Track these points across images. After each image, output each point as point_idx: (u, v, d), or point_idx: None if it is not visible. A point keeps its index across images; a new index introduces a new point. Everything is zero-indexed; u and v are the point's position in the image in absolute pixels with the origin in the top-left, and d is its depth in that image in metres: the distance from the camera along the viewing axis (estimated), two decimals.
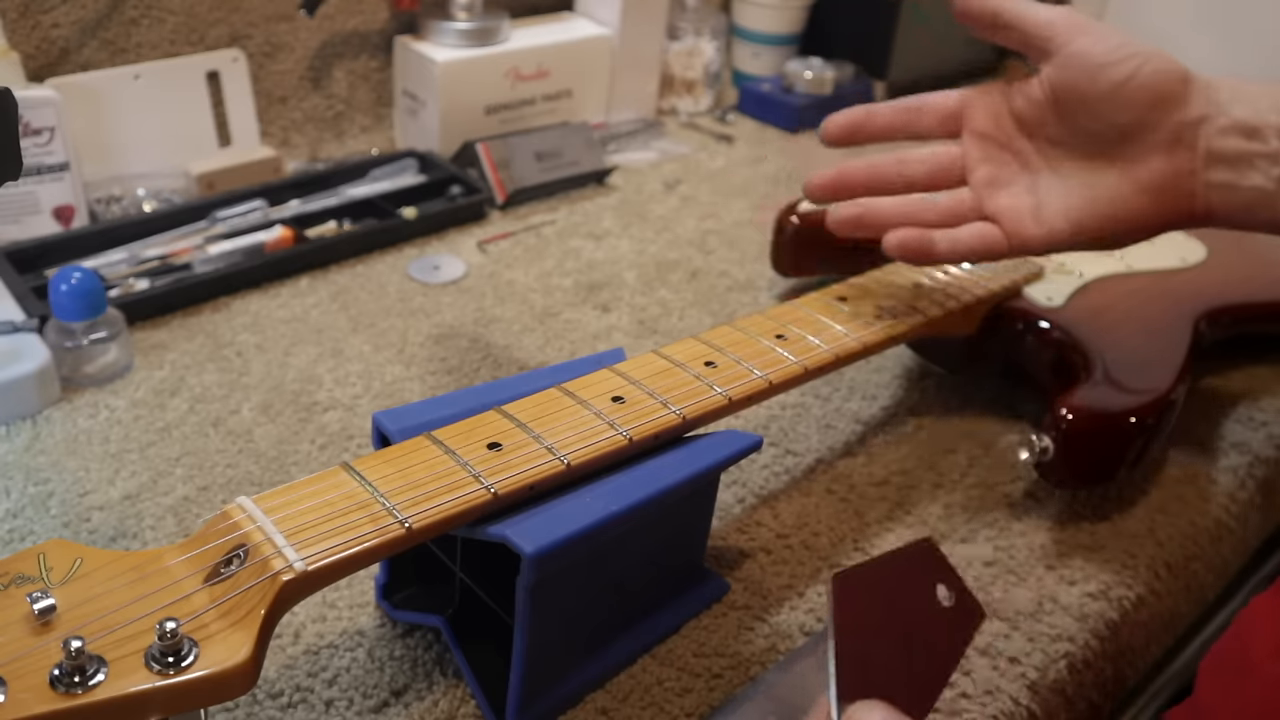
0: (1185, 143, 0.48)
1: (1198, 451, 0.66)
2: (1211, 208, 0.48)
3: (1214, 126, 0.47)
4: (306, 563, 0.37)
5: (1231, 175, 0.47)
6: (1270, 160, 0.46)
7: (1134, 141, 0.49)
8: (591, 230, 0.87)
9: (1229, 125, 0.47)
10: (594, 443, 0.45)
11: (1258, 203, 0.47)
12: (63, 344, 0.64)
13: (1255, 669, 0.44)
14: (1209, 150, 0.47)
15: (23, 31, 0.80)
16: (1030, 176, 0.52)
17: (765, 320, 0.56)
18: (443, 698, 0.47)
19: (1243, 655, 0.46)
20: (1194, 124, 0.48)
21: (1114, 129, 0.49)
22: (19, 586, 0.35)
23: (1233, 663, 0.46)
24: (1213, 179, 0.48)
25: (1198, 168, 0.48)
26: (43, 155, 0.75)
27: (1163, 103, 0.48)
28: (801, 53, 1.18)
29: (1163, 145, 0.48)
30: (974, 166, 0.54)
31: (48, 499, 0.56)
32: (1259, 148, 0.46)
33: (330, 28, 0.95)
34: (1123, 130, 0.49)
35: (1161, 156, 0.48)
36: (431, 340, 0.72)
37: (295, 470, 0.60)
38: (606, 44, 1.02)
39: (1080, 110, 0.49)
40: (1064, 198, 0.51)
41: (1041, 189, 0.52)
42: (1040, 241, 0.51)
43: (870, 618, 0.35)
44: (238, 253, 0.77)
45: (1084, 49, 0.49)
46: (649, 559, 0.49)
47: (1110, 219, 0.50)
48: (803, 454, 0.64)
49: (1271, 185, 0.46)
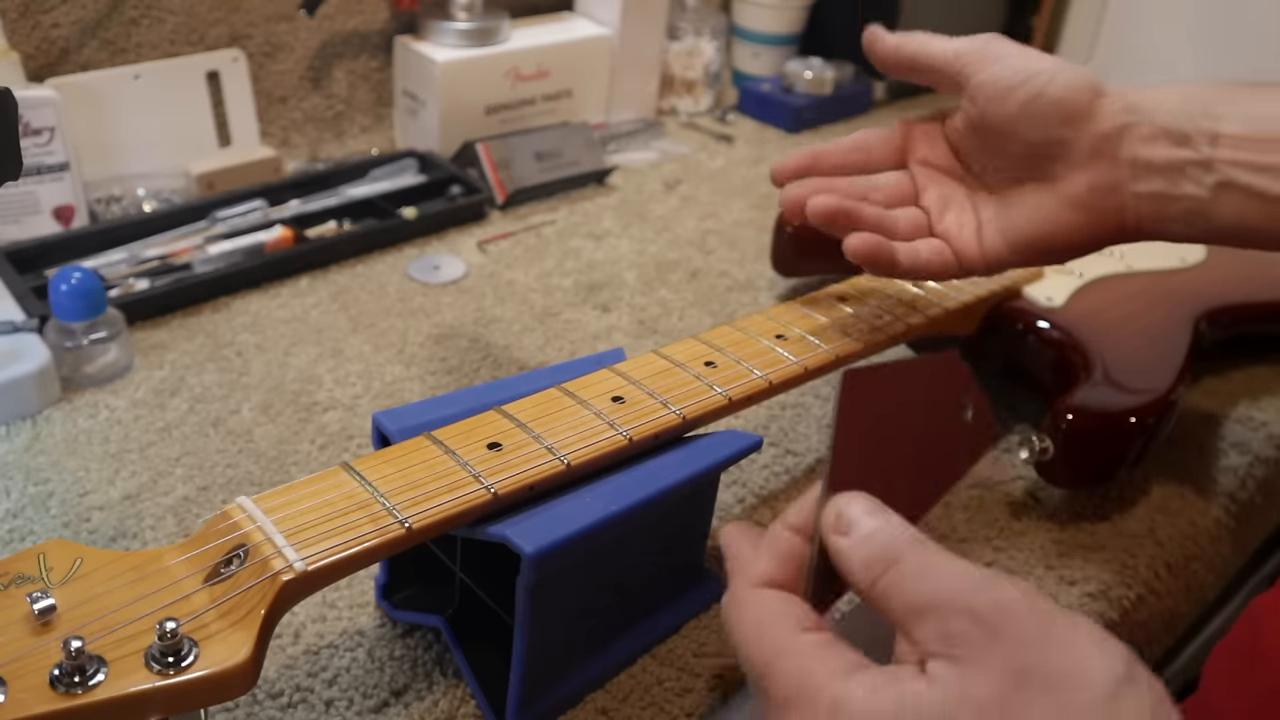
0: (1106, 155, 0.47)
1: (1198, 451, 0.66)
2: (1142, 219, 0.47)
3: (1136, 135, 0.46)
4: (306, 563, 0.37)
5: (1163, 185, 0.46)
6: (1202, 167, 0.45)
7: (1055, 159, 0.48)
8: (591, 230, 0.87)
9: (1154, 133, 0.46)
10: (594, 443, 0.45)
11: (1193, 211, 0.46)
12: (63, 344, 0.64)
13: (1266, 659, 0.44)
14: (1134, 160, 0.47)
15: (23, 31, 0.80)
16: (973, 199, 0.53)
17: (765, 320, 0.56)
18: (443, 698, 0.47)
19: (1253, 647, 0.46)
20: (1113, 135, 0.47)
21: (1032, 149, 0.49)
22: (19, 586, 0.35)
23: (1242, 655, 0.46)
24: (1142, 189, 0.47)
25: (1123, 179, 0.47)
26: (43, 155, 0.75)
27: (1074, 117, 0.47)
28: (801, 53, 1.18)
29: (1083, 160, 0.48)
30: (923, 189, 0.54)
31: (48, 499, 0.56)
32: (1190, 155, 0.45)
33: (330, 28, 0.95)
34: (1041, 149, 0.49)
35: (1084, 171, 0.48)
36: (431, 340, 0.72)
37: (295, 470, 0.60)
38: (606, 44, 1.02)
39: (997, 136, 0.50)
40: (1000, 218, 0.51)
41: (982, 211, 0.52)
42: (983, 262, 0.51)
43: (876, 420, 0.34)
44: (238, 253, 0.77)
45: (991, 76, 0.49)
46: (649, 559, 0.49)
47: (1044, 237, 0.49)
48: (803, 454, 0.64)
49: (1205, 193, 0.45)
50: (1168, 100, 0.46)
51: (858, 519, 0.32)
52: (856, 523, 0.32)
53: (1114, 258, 0.71)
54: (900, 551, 0.31)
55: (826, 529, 0.33)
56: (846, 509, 0.32)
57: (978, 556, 0.57)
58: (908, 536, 0.31)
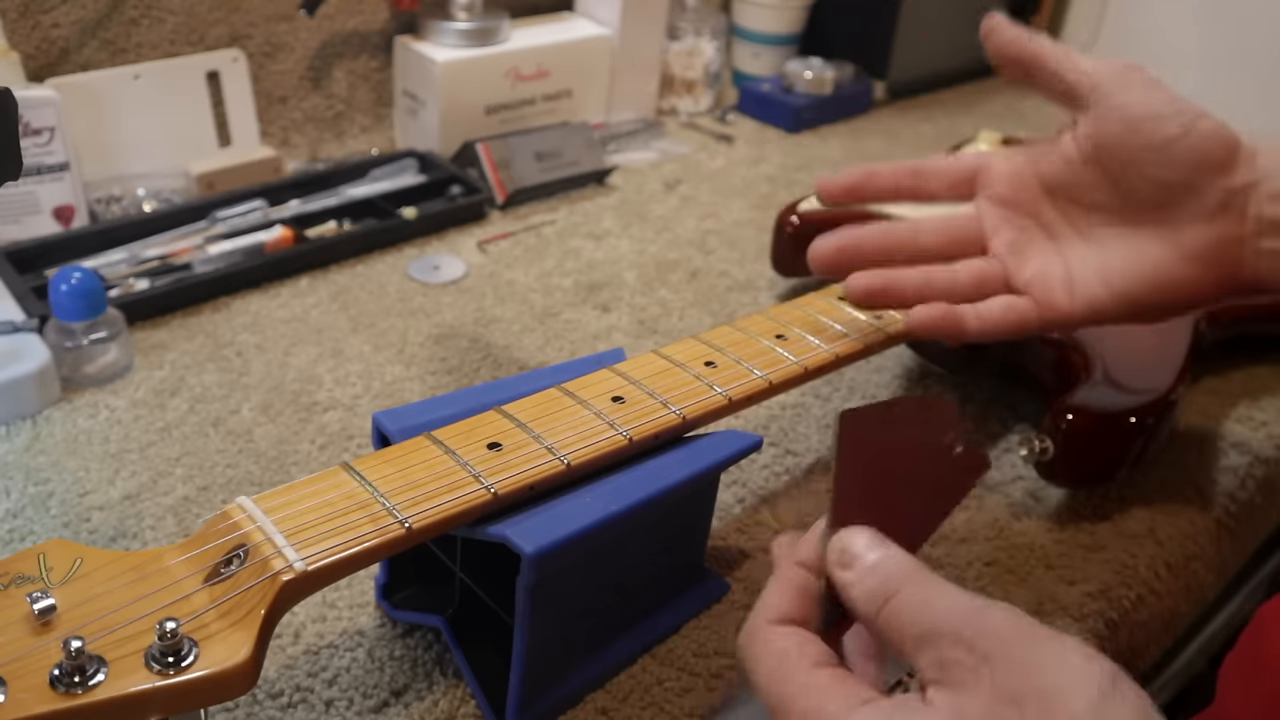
0: (1234, 209, 0.45)
1: (1198, 451, 0.66)
2: (1260, 276, 0.46)
3: (1262, 193, 0.45)
4: (306, 563, 0.37)
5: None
6: None
7: (1178, 205, 0.46)
8: (591, 230, 0.87)
9: (1277, 192, 0.45)
10: (594, 443, 0.45)
11: None
12: (63, 344, 0.64)
13: (1268, 668, 0.44)
14: (1259, 217, 0.45)
15: (23, 31, 0.80)
16: (1056, 244, 0.50)
17: (765, 320, 0.56)
18: (443, 698, 0.47)
19: (1257, 655, 0.46)
20: (1243, 190, 0.45)
21: (1158, 190, 0.46)
22: (19, 586, 0.35)
23: (1249, 663, 0.46)
24: (1263, 246, 0.46)
25: (1247, 235, 0.46)
26: (43, 155, 0.75)
27: (1211, 166, 0.45)
28: (801, 53, 1.18)
29: (1209, 211, 0.46)
30: (994, 233, 0.51)
31: (48, 499, 0.56)
32: None
33: (330, 28, 0.95)
34: (1167, 192, 0.46)
35: (1207, 223, 0.46)
36: (431, 340, 0.72)
37: (295, 470, 0.60)
38: (606, 44, 1.02)
39: (1121, 168, 0.47)
40: (1101, 265, 0.48)
41: (1072, 257, 0.49)
42: (1073, 314, 0.48)
43: (874, 457, 0.35)
44: (238, 253, 0.77)
45: (1129, 102, 0.46)
46: (649, 559, 0.49)
47: (1154, 288, 0.47)
48: (803, 454, 0.64)
49: None
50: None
51: (860, 552, 0.34)
52: (860, 556, 0.34)
53: None
54: (901, 582, 0.32)
55: (832, 563, 0.34)
56: (850, 543, 0.34)
57: (978, 556, 0.57)
58: (908, 568, 0.33)
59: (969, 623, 0.31)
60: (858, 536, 0.34)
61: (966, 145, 0.87)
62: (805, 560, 0.36)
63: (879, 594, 0.32)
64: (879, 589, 0.33)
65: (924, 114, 1.19)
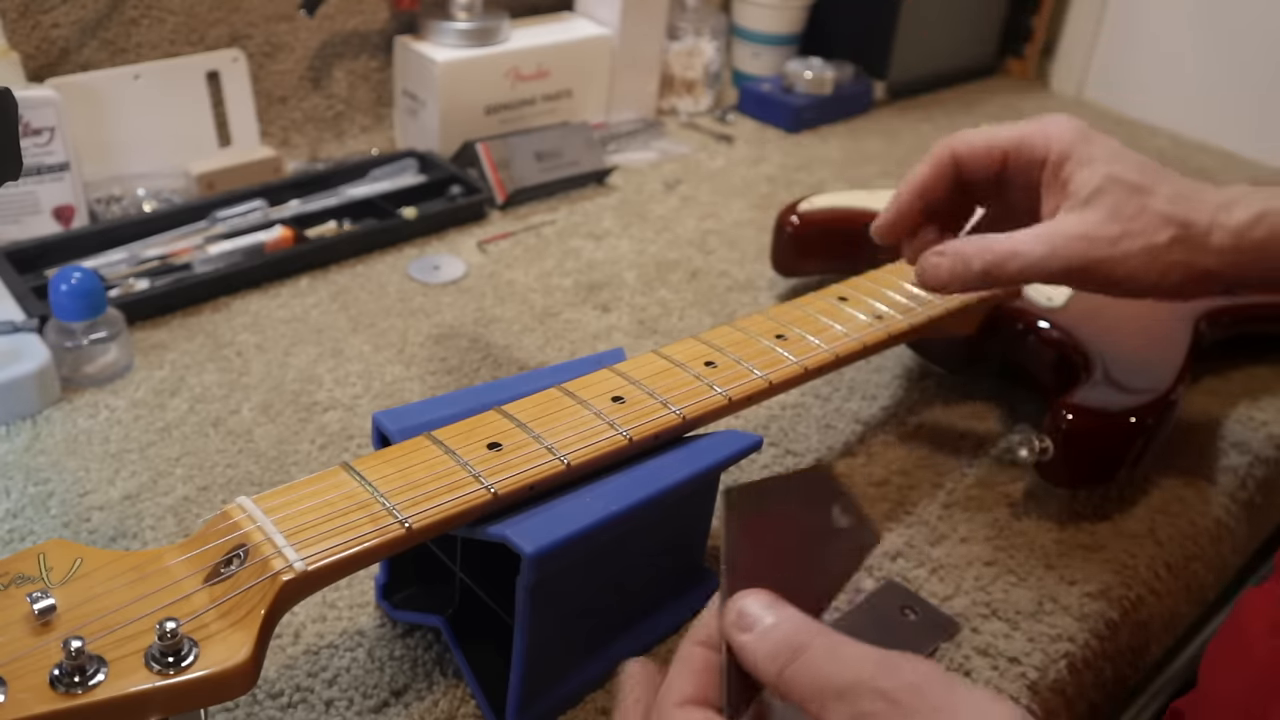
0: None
1: (1198, 451, 0.66)
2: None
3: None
4: (306, 563, 0.37)
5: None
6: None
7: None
8: (591, 230, 0.87)
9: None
10: (594, 443, 0.45)
11: None
12: (63, 344, 0.64)
13: (1250, 649, 0.44)
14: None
15: (23, 31, 0.80)
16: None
17: (765, 320, 0.56)
18: (443, 698, 0.47)
19: (1239, 638, 0.46)
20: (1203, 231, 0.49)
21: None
22: (19, 586, 0.35)
23: (1231, 647, 0.47)
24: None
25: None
26: (43, 155, 0.75)
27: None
28: (801, 53, 1.18)
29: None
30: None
31: (48, 499, 0.56)
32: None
33: (330, 28, 0.95)
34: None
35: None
36: (431, 340, 0.72)
37: (295, 470, 0.60)
38: (606, 44, 1.02)
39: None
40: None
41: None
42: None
43: (762, 529, 0.36)
44: (238, 253, 0.77)
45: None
46: (649, 559, 0.49)
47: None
48: (803, 454, 0.64)
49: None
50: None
51: (758, 614, 0.33)
52: (758, 618, 0.33)
53: None
54: (805, 639, 0.32)
55: (729, 628, 0.33)
56: (746, 606, 0.33)
57: (978, 556, 0.57)
58: (809, 625, 0.33)
59: (885, 674, 0.30)
60: (754, 599, 0.34)
61: None
62: (703, 639, 0.35)
63: (781, 653, 0.32)
64: (781, 647, 0.32)
65: (924, 114, 1.19)
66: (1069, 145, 0.50)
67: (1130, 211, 0.48)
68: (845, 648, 0.32)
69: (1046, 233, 0.49)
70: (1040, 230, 0.50)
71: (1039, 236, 0.49)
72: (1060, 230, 0.49)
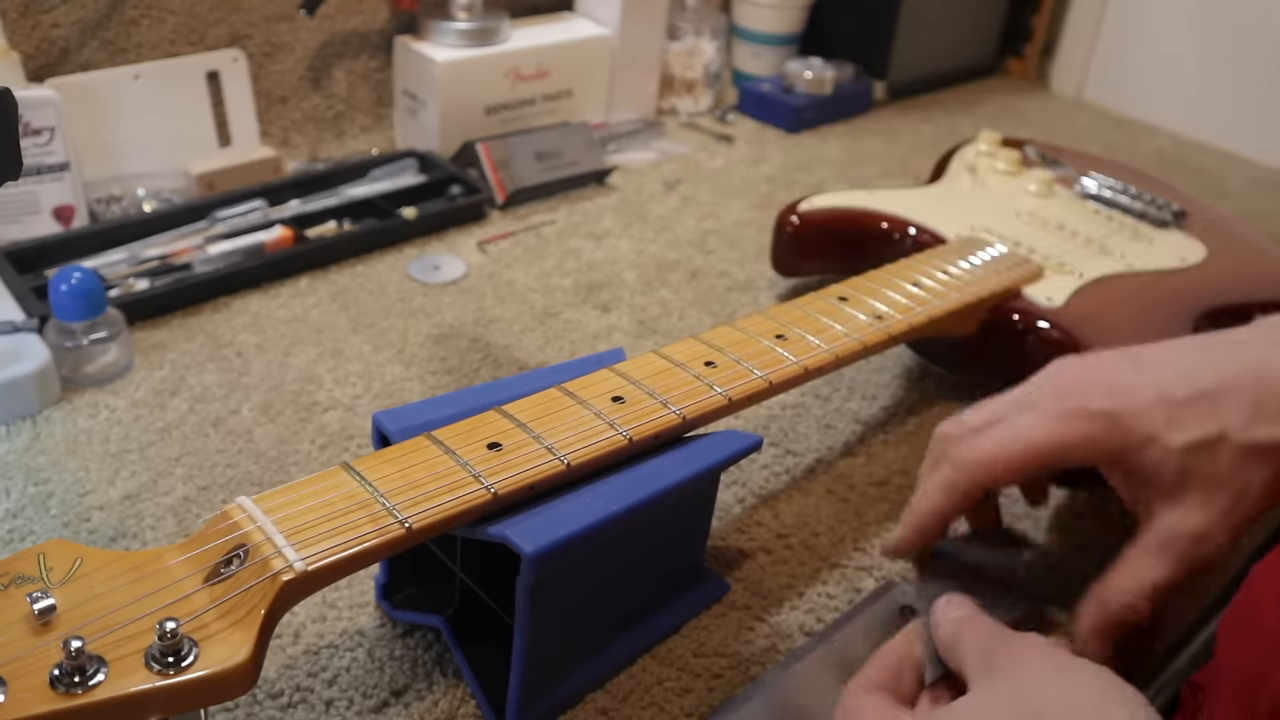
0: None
1: None
2: None
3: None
4: (306, 563, 0.37)
5: None
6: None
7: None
8: (591, 230, 0.87)
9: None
10: (594, 443, 0.45)
11: None
12: (63, 344, 0.64)
13: (1261, 618, 0.44)
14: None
15: (23, 31, 0.80)
16: None
17: (765, 320, 0.56)
18: (443, 698, 0.47)
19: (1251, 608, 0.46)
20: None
21: None
22: (19, 586, 0.35)
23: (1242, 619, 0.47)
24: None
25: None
26: (43, 155, 0.75)
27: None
28: (801, 53, 1.18)
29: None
30: None
31: (48, 499, 0.56)
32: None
33: (330, 28, 0.95)
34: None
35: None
36: (431, 340, 0.72)
37: (295, 470, 0.60)
38: (606, 44, 1.02)
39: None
40: None
41: None
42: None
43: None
44: (238, 253, 0.77)
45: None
46: (649, 559, 0.49)
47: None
48: (803, 454, 0.64)
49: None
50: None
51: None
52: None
53: (1114, 257, 0.71)
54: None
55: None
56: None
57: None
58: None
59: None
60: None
61: (966, 145, 0.87)
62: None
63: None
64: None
65: (924, 114, 1.19)
66: (1108, 434, 0.48)
67: (1220, 474, 0.47)
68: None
69: (1157, 544, 0.48)
70: (1149, 541, 0.48)
71: (1157, 549, 0.48)
72: (1174, 536, 0.48)
